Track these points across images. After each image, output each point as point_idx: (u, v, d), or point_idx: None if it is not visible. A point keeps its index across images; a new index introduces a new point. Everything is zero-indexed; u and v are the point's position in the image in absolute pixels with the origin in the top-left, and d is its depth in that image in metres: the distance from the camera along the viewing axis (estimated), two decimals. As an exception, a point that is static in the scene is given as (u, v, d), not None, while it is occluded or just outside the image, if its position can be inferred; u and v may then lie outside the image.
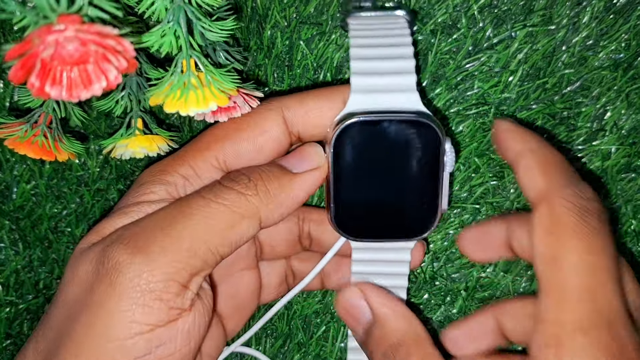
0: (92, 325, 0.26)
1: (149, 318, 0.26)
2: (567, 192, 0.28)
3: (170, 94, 0.28)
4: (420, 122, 0.31)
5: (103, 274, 0.27)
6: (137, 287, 0.26)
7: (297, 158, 0.32)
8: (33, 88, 0.22)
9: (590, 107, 0.38)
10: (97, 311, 0.26)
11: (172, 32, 0.27)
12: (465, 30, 0.37)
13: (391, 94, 0.31)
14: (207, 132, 0.33)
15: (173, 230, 0.27)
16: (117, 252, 0.27)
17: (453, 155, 0.32)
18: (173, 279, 0.27)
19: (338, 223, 0.33)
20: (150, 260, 0.26)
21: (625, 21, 0.37)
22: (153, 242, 0.27)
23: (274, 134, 0.32)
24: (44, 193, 0.41)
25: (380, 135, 0.31)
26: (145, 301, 0.26)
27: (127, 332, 0.26)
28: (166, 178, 0.31)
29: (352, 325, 0.33)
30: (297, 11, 0.38)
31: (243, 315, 0.38)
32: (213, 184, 0.30)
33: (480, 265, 0.40)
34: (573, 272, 0.26)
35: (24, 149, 0.32)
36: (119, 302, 0.26)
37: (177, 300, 0.27)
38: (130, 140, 0.34)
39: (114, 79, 0.23)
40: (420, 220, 0.33)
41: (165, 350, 0.27)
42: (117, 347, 0.26)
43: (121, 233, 0.28)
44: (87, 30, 0.22)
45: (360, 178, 0.32)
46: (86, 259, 0.28)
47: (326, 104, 0.32)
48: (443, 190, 0.32)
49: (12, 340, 0.42)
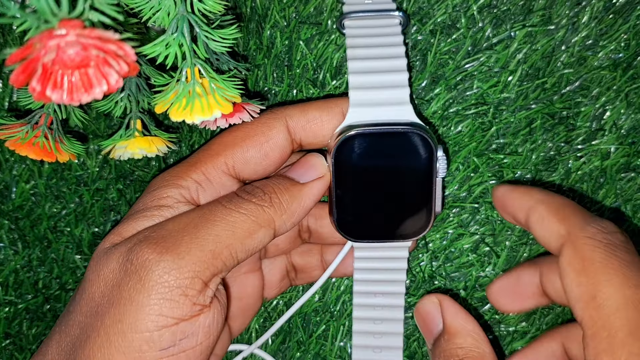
0: (121, 319, 0.28)
1: (175, 312, 0.28)
2: (590, 230, 0.28)
3: (176, 102, 0.28)
4: (414, 132, 0.33)
5: (132, 271, 0.28)
6: (166, 283, 0.28)
7: (303, 169, 0.34)
8: (34, 92, 0.22)
9: (590, 106, 0.38)
10: (126, 305, 0.28)
11: (176, 44, 0.27)
12: (465, 30, 0.37)
13: (387, 107, 0.34)
14: (217, 140, 0.34)
15: (199, 233, 0.29)
16: (146, 251, 0.28)
17: (445, 162, 0.34)
18: (198, 277, 0.28)
19: (340, 226, 0.35)
20: (178, 259, 0.28)
21: (625, 21, 0.37)
22: (180, 243, 0.29)
23: (278, 141, 0.34)
24: (43, 193, 0.40)
25: (377, 146, 0.33)
26: (172, 296, 0.28)
27: (154, 324, 0.27)
28: (180, 183, 0.32)
29: (424, 332, 0.35)
30: (297, 11, 0.38)
31: (248, 316, 0.39)
32: (232, 195, 0.32)
33: (480, 265, 0.40)
34: (615, 310, 0.26)
35: (25, 150, 0.32)
36: (148, 296, 0.28)
37: (200, 297, 0.28)
38: (129, 142, 0.34)
39: (115, 83, 0.23)
40: (416, 222, 0.35)
41: (188, 343, 0.28)
42: (145, 339, 0.27)
43: (148, 234, 0.30)
44: (88, 35, 0.22)
45: (360, 185, 0.34)
46: (111, 258, 0.30)
47: (326, 115, 0.34)
48: (436, 194, 0.34)
49: (11, 340, 0.42)
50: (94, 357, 0.28)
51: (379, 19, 0.36)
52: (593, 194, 0.39)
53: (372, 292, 0.38)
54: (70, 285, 0.42)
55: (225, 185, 0.33)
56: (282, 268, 0.40)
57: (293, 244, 0.39)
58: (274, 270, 0.40)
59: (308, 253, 0.40)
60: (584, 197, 0.39)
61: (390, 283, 0.38)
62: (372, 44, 0.35)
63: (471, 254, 0.40)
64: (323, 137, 0.34)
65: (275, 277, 0.40)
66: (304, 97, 0.39)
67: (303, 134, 0.34)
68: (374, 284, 0.38)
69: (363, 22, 0.36)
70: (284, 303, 0.42)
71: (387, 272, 0.37)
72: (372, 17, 0.36)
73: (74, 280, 0.41)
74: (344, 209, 0.35)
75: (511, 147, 0.39)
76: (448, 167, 0.38)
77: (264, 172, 0.34)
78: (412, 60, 0.38)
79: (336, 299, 0.41)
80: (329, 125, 0.34)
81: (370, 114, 0.34)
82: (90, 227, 0.41)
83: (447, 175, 0.39)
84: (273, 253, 0.39)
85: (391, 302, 0.38)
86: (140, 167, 0.41)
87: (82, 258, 0.41)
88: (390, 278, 0.37)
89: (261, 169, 0.34)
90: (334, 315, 0.42)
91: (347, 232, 0.35)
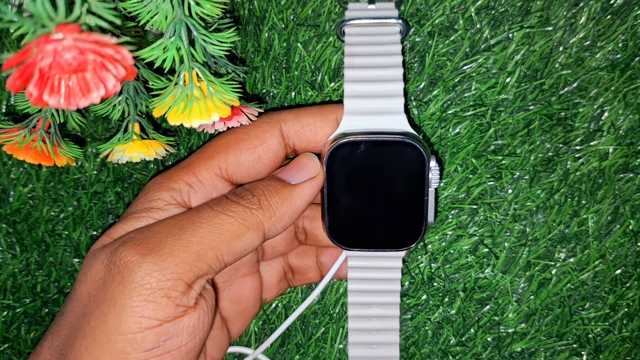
0: (105, 320, 0.28)
1: (157, 313, 0.28)
2: None
3: (174, 106, 0.28)
4: (407, 142, 0.33)
5: (115, 273, 0.28)
6: (148, 285, 0.28)
7: (295, 170, 0.34)
8: (31, 97, 0.22)
9: (588, 107, 0.38)
10: (110, 307, 0.28)
11: (174, 47, 0.27)
12: (463, 31, 0.37)
13: (381, 116, 0.34)
14: (211, 143, 0.34)
15: (183, 235, 0.29)
16: (128, 253, 0.28)
17: (438, 173, 0.34)
18: (180, 279, 0.28)
19: (332, 234, 0.35)
20: (161, 261, 0.28)
21: (622, 22, 0.37)
22: (164, 245, 0.29)
23: (272, 145, 0.34)
24: (41, 196, 0.40)
25: (370, 154, 0.34)
26: (154, 298, 0.28)
27: (137, 326, 0.27)
28: (171, 185, 0.33)
29: None
30: (295, 13, 0.38)
31: (247, 319, 0.39)
32: (221, 198, 0.32)
33: (479, 266, 0.40)
34: None
35: (23, 155, 0.32)
36: (130, 298, 0.28)
37: (183, 299, 0.29)
38: (127, 146, 0.34)
39: (112, 87, 0.23)
40: (408, 232, 0.35)
41: (172, 343, 0.28)
42: (129, 340, 0.27)
43: (133, 236, 0.30)
44: (86, 39, 0.22)
45: (352, 193, 0.34)
46: (98, 259, 0.30)
47: (320, 121, 0.34)
48: (429, 204, 0.35)
49: (9, 344, 0.41)
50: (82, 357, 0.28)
51: (380, 27, 0.35)
52: (591, 194, 0.39)
53: (367, 303, 0.38)
54: (68, 289, 0.41)
55: (218, 187, 0.34)
56: (279, 270, 0.40)
57: (290, 245, 0.39)
58: (271, 272, 0.40)
59: (304, 254, 0.40)
60: (583, 197, 0.39)
61: (384, 294, 0.37)
62: (370, 53, 0.35)
63: (470, 255, 0.40)
64: (316, 143, 0.34)
65: (273, 279, 0.40)
66: (302, 99, 0.39)
67: (297, 139, 0.34)
68: (369, 294, 0.38)
69: (363, 29, 0.35)
70: (283, 306, 0.42)
71: (381, 283, 0.37)
72: (373, 25, 0.35)
73: (72, 284, 0.41)
74: (336, 216, 0.35)
75: (509, 148, 0.39)
76: (441, 178, 0.38)
77: (257, 176, 0.34)
78: (410, 62, 0.38)
79: (335, 302, 0.41)
80: (322, 132, 0.34)
81: (363, 123, 0.34)
82: (88, 231, 0.41)
83: (446, 176, 0.39)
84: (270, 255, 0.39)
85: (386, 312, 0.38)
86: (138, 170, 0.41)
87: (80, 261, 0.41)
88: (385, 288, 0.37)
89: (254, 172, 0.34)
90: (333, 317, 0.42)
91: (339, 239, 0.35)
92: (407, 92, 0.38)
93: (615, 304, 0.40)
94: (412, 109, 0.39)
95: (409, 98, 0.38)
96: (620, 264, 0.39)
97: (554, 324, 0.40)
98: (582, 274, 0.40)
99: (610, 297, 0.40)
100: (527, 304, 0.40)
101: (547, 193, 0.39)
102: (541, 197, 0.39)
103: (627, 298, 0.40)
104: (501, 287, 0.40)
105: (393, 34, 0.35)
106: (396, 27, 0.35)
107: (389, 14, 0.35)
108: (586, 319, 0.40)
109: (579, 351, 0.40)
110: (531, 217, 0.39)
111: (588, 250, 0.39)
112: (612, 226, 0.39)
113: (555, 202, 0.39)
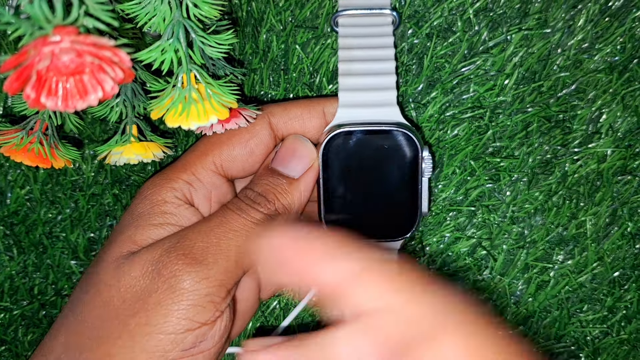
0: (148, 322, 0.30)
1: (200, 317, 0.30)
2: None
3: (172, 108, 0.28)
4: (400, 132, 0.34)
5: (161, 281, 0.30)
6: (197, 292, 0.30)
7: (289, 158, 0.35)
8: (29, 99, 0.22)
9: (586, 109, 0.38)
10: (155, 309, 0.30)
11: (172, 49, 0.27)
12: (461, 33, 0.37)
13: (375, 108, 0.35)
14: (203, 140, 0.35)
15: (222, 244, 0.32)
16: (175, 262, 0.31)
17: (431, 162, 0.34)
18: (224, 285, 0.31)
19: (327, 223, 0.36)
20: (207, 270, 0.31)
21: (620, 24, 0.37)
22: (207, 254, 0.31)
23: (263, 138, 0.35)
24: (38, 198, 0.40)
25: (364, 145, 0.34)
26: (201, 302, 0.30)
27: (182, 327, 0.30)
28: (172, 185, 0.34)
29: None
30: (293, 15, 0.38)
31: (246, 319, 0.39)
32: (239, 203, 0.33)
33: (477, 268, 0.40)
34: None
35: (20, 157, 0.32)
36: (178, 302, 0.30)
37: (222, 304, 0.31)
38: (125, 148, 0.34)
39: (110, 90, 0.23)
40: (402, 222, 0.36)
41: (205, 345, 0.31)
42: (170, 339, 0.30)
43: (172, 245, 0.32)
44: (83, 42, 0.22)
45: (347, 183, 0.35)
46: (134, 266, 0.31)
47: (307, 113, 0.35)
48: (423, 194, 0.35)
49: (6, 347, 0.41)
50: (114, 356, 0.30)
51: (373, 17, 0.36)
52: (590, 197, 0.39)
53: None
54: (66, 291, 0.41)
55: (215, 184, 0.35)
56: None
57: None
58: None
59: None
60: (581, 200, 0.39)
61: None
62: (363, 45, 0.35)
63: (468, 257, 0.40)
64: (304, 134, 0.35)
65: None
66: (300, 101, 0.39)
67: (285, 131, 0.35)
68: None
69: (356, 20, 0.36)
70: (280, 308, 0.42)
71: None
72: (366, 15, 0.36)
73: (69, 286, 0.41)
74: (331, 207, 0.35)
75: (508, 151, 0.39)
76: (434, 168, 0.39)
77: (251, 169, 0.35)
78: (408, 64, 0.38)
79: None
80: (309, 123, 0.35)
81: (358, 114, 0.34)
82: (86, 233, 0.41)
83: (445, 179, 0.39)
84: None
85: None
86: (136, 172, 0.40)
87: (78, 264, 0.41)
88: None
89: (248, 166, 0.35)
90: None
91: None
92: (405, 94, 0.38)
93: (613, 306, 0.40)
94: (410, 111, 0.39)
95: (407, 100, 0.38)
96: (619, 266, 0.39)
97: (552, 326, 0.40)
98: (580, 276, 0.40)
99: (609, 299, 0.40)
100: (526, 306, 0.40)
101: (545, 195, 0.39)
102: (539, 199, 0.39)
103: (625, 300, 0.40)
104: (499, 289, 0.40)
105: (386, 24, 0.36)
106: (389, 17, 0.36)
107: (382, 3, 0.36)
108: (584, 321, 0.40)
109: (577, 353, 0.40)
110: (529, 220, 0.39)
111: (586, 252, 0.39)
112: (610, 228, 0.39)
113: (553, 205, 0.39)
